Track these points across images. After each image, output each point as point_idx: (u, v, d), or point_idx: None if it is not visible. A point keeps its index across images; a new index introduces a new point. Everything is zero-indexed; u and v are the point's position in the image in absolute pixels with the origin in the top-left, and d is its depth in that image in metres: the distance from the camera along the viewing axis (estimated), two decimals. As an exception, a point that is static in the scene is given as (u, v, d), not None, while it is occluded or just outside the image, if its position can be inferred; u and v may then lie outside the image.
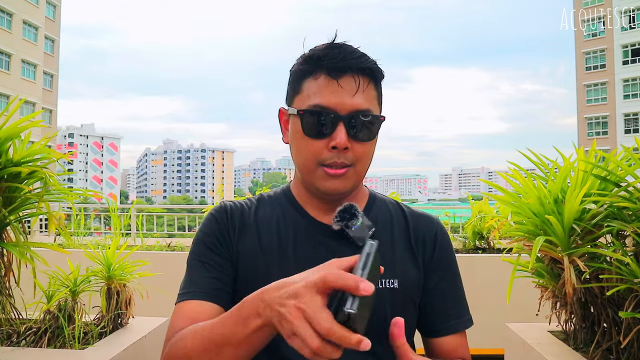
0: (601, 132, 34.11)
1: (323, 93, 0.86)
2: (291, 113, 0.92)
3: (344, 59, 0.87)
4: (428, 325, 0.99)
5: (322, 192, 0.92)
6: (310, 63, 0.89)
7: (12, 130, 1.95)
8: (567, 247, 1.80)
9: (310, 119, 0.87)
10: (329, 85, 0.86)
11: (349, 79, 0.87)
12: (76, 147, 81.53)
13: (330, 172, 0.88)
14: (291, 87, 0.94)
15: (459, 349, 0.98)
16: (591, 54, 34.95)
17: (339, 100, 0.86)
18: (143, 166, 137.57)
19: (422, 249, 0.99)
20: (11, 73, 28.82)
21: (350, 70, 0.87)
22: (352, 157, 0.88)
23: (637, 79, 32.60)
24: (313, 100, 0.87)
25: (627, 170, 1.73)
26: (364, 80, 0.88)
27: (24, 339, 1.93)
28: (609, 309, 1.75)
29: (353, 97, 0.86)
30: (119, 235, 4.16)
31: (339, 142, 0.85)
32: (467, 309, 1.02)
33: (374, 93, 0.91)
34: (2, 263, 2.00)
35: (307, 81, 0.89)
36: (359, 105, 0.86)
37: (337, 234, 0.93)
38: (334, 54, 0.87)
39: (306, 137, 0.88)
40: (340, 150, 0.86)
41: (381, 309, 0.89)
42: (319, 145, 0.87)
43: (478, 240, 4.17)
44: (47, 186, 2.03)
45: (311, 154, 0.88)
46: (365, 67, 0.88)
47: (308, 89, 0.89)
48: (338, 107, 0.86)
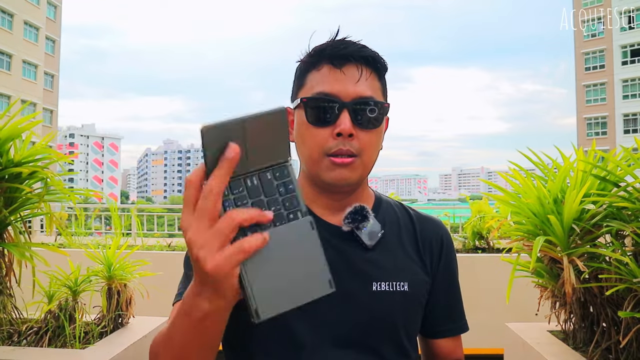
0: (600, 133, 34.11)
1: (326, 81, 0.87)
2: (295, 107, 0.92)
3: (345, 48, 0.87)
4: (431, 326, 1.00)
5: (328, 184, 0.90)
6: (313, 56, 0.90)
7: (13, 131, 1.96)
8: (567, 247, 1.80)
9: (314, 106, 0.87)
10: (331, 74, 0.87)
11: (351, 67, 0.87)
12: (77, 147, 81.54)
13: (336, 161, 0.86)
14: (295, 83, 0.94)
15: (457, 350, 1.02)
16: (590, 54, 34.95)
17: (342, 87, 0.86)
18: (143, 166, 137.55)
19: (429, 252, 0.99)
20: (12, 73, 28.83)
21: (353, 58, 0.87)
22: (358, 145, 0.87)
23: (636, 80, 32.59)
24: (316, 89, 0.87)
25: (626, 170, 1.73)
26: (367, 69, 0.88)
27: (25, 338, 1.93)
28: (608, 308, 1.75)
29: (356, 85, 0.86)
30: (119, 235, 4.16)
31: (344, 129, 0.84)
32: (464, 313, 1.04)
33: (377, 84, 0.91)
34: (3, 263, 2.01)
35: (310, 74, 0.90)
36: (362, 92, 0.86)
37: (345, 235, 0.92)
38: (336, 44, 0.89)
39: (311, 126, 0.87)
40: (345, 137, 0.85)
41: (392, 311, 0.88)
42: (323, 133, 0.86)
43: (478, 240, 4.17)
44: (47, 186, 2.03)
45: (316, 143, 0.87)
46: (367, 56, 0.88)
47: (312, 80, 0.89)
48: (341, 94, 0.85)
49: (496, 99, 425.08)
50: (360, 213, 0.91)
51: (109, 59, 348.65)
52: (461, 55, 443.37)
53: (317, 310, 0.82)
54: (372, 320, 0.86)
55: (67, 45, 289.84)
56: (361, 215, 0.91)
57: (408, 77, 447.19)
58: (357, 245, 0.92)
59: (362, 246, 0.91)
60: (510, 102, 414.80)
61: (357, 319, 0.86)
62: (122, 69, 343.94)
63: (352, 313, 0.86)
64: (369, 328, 0.86)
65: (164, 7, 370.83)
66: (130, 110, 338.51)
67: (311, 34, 0.93)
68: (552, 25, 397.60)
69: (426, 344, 1.02)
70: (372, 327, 0.86)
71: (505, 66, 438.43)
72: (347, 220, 0.91)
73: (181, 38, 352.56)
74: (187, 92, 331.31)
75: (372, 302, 0.87)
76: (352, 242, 0.92)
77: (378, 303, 0.87)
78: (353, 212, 0.91)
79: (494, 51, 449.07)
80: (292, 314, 0.58)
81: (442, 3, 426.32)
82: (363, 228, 0.91)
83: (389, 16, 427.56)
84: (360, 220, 0.91)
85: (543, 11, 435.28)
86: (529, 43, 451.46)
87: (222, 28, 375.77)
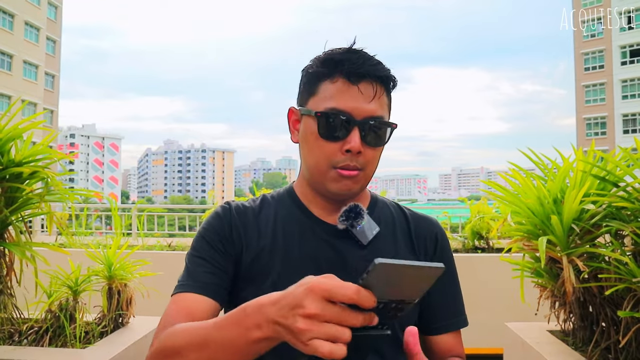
0: (600, 133, 34.10)
1: (341, 97, 0.88)
2: (305, 114, 0.93)
3: (362, 65, 0.88)
4: (428, 323, 1.00)
5: (332, 193, 0.93)
6: (328, 66, 0.90)
7: (14, 131, 1.96)
8: (566, 246, 1.81)
9: (327, 121, 0.88)
10: (348, 90, 0.88)
11: (367, 85, 0.88)
12: (77, 148, 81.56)
13: (344, 173, 0.89)
14: (306, 89, 0.95)
15: (457, 347, 1.01)
16: (590, 54, 34.94)
17: (356, 105, 0.87)
18: (144, 166, 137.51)
19: (423, 249, 1.01)
20: (13, 74, 28.83)
21: (369, 76, 0.88)
22: (363, 160, 0.90)
23: (635, 80, 32.57)
24: (330, 103, 0.88)
25: (625, 170, 1.74)
26: (380, 87, 0.90)
27: (25, 338, 1.93)
28: (608, 308, 1.76)
29: (369, 103, 0.88)
30: (120, 235, 4.17)
31: (354, 146, 0.87)
32: (464, 308, 1.04)
33: (386, 101, 0.93)
34: (3, 263, 2.01)
35: (324, 84, 0.91)
36: (374, 111, 0.88)
37: (341, 234, 0.94)
38: (354, 59, 0.89)
39: (321, 139, 0.89)
40: (354, 154, 0.88)
41: None
42: (333, 147, 0.89)
43: (477, 240, 4.17)
44: (48, 186, 2.04)
45: (324, 156, 0.89)
46: (382, 75, 0.90)
47: (325, 91, 0.90)
48: (354, 112, 0.87)
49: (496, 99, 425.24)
50: (354, 211, 0.93)
51: (110, 59, 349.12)
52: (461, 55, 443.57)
53: None
54: None
55: (67, 46, 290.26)
56: (355, 212, 0.93)
57: (409, 77, 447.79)
58: (353, 243, 0.94)
59: (357, 244, 0.93)
60: (510, 103, 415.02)
61: None
62: (123, 69, 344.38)
63: None
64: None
65: (164, 7, 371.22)
66: (130, 111, 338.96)
67: (325, 42, 0.95)
68: (552, 25, 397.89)
69: (425, 342, 1.02)
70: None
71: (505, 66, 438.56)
72: (341, 218, 0.93)
73: (181, 38, 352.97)
74: (187, 92, 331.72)
75: None
76: (348, 240, 0.94)
77: None
78: (348, 210, 0.93)
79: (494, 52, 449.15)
80: None
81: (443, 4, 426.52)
82: (358, 226, 0.93)
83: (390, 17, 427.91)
84: (354, 217, 0.93)
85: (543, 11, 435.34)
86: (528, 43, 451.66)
87: (222, 28, 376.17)
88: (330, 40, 0.95)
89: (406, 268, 0.58)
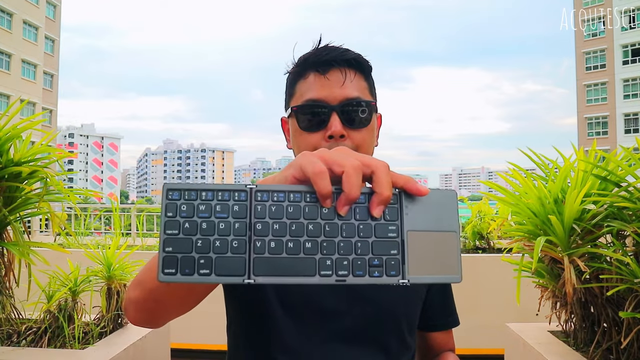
0: (601, 132, 34.12)
1: (314, 88, 0.90)
2: (288, 115, 0.95)
3: (328, 54, 0.91)
4: (428, 320, 1.05)
5: None
6: (299, 65, 0.94)
7: (13, 131, 1.95)
8: (567, 247, 1.80)
9: (304, 113, 0.90)
10: (319, 81, 0.90)
11: (335, 72, 0.91)
12: (76, 147, 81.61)
13: None
14: (287, 93, 0.98)
15: (450, 341, 1.10)
16: (591, 54, 34.95)
17: (328, 92, 0.89)
18: (143, 166, 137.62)
19: None
20: (11, 73, 28.84)
21: (336, 63, 0.91)
22: (351, 145, 0.90)
23: (637, 79, 32.59)
24: (305, 96, 0.91)
25: (627, 170, 1.73)
26: (350, 71, 0.92)
27: (24, 338, 1.93)
28: (609, 309, 1.75)
29: (342, 88, 0.90)
30: (119, 235, 4.16)
31: (334, 131, 0.87)
32: (455, 308, 1.12)
33: (363, 84, 0.94)
34: (2, 263, 2.00)
35: (299, 83, 0.94)
36: (348, 94, 0.89)
37: None
38: (319, 51, 0.93)
39: (303, 132, 0.91)
40: (337, 139, 0.88)
41: (396, 304, 0.91)
42: (316, 137, 0.90)
43: (478, 240, 4.17)
44: (47, 186, 2.03)
45: (310, 147, 0.90)
46: (349, 59, 0.92)
47: (300, 89, 0.93)
48: (328, 98, 0.89)
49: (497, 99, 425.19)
50: None
51: (109, 58, 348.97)
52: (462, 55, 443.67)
53: (323, 303, 0.85)
54: (379, 313, 0.89)
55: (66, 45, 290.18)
56: None
57: (409, 77, 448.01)
58: None
59: None
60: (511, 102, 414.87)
61: (365, 311, 0.88)
62: (122, 69, 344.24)
63: (359, 306, 0.88)
64: (375, 320, 0.89)
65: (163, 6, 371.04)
66: (130, 110, 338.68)
67: (293, 45, 0.98)
68: (553, 25, 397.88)
69: (421, 336, 1.08)
70: (378, 319, 0.89)
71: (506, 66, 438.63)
72: None
73: (181, 37, 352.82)
74: (187, 92, 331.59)
75: (379, 294, 0.90)
76: None
77: (384, 295, 0.90)
78: None
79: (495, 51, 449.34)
80: (298, 309, 0.58)
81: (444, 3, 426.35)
82: None
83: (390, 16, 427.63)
84: None
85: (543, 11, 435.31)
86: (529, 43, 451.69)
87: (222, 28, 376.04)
88: (330, 41, 0.96)
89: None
